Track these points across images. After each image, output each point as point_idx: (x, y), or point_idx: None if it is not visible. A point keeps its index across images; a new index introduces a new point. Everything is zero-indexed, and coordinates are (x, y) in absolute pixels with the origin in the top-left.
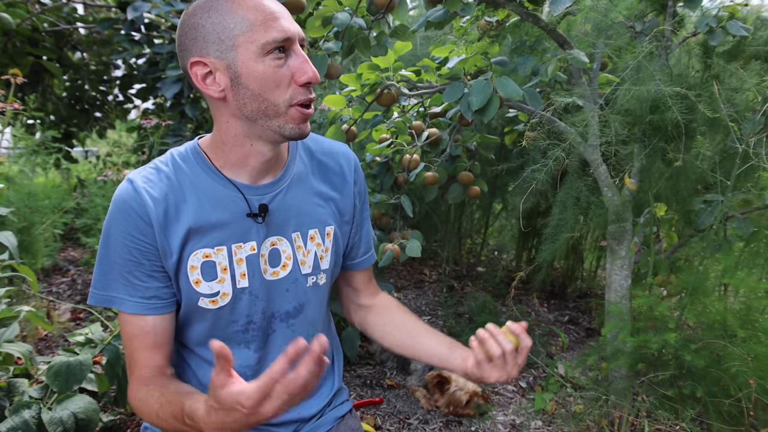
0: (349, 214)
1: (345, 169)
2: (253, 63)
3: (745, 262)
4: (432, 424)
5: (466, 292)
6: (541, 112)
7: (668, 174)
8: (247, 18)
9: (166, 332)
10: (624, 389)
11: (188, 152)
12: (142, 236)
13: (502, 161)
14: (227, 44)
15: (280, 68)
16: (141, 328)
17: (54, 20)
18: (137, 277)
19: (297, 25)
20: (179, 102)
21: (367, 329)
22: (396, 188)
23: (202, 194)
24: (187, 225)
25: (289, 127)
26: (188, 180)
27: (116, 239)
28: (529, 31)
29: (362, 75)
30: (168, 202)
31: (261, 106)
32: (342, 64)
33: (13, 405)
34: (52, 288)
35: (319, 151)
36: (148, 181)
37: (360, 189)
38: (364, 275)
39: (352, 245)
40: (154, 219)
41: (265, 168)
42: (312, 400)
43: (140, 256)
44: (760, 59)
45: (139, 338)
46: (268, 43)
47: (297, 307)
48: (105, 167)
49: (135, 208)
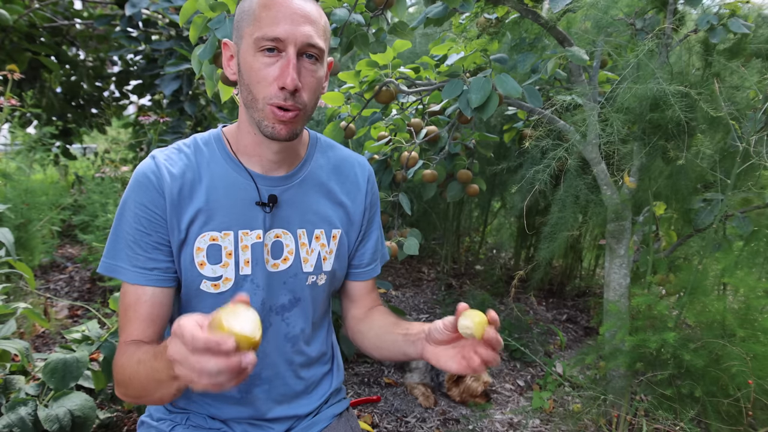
0: (358, 223)
1: (359, 177)
2: (248, 55)
3: (745, 261)
4: (429, 422)
5: (465, 290)
6: (540, 110)
7: (668, 172)
8: (255, 13)
9: (162, 306)
10: (622, 388)
11: (211, 137)
12: (154, 207)
13: (501, 159)
14: (239, 33)
15: (267, 66)
16: (138, 298)
17: (51, 15)
18: (142, 247)
19: (306, 31)
20: (178, 99)
21: (356, 340)
22: (394, 186)
23: (216, 176)
24: (198, 205)
25: (264, 123)
26: (205, 161)
27: (129, 209)
28: (529, 28)
29: (361, 72)
30: (184, 179)
31: (249, 96)
32: (340, 60)
33: (10, 402)
34: (50, 285)
35: (336, 157)
36: (169, 158)
37: (372, 201)
38: (363, 286)
39: (355, 254)
40: (168, 194)
41: (277, 160)
42: (308, 397)
43: (149, 226)
44: (761, 57)
45: (134, 308)
46: (258, 39)
47: (292, 300)
48: (103, 164)
49: (152, 180)
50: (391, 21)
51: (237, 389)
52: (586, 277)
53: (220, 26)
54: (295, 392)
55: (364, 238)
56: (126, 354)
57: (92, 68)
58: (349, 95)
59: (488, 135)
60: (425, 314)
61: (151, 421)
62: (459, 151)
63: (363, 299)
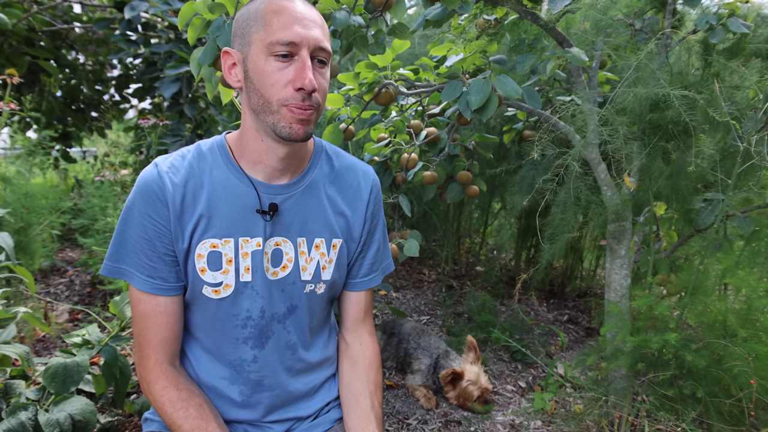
0: (358, 233)
1: (362, 187)
2: (259, 60)
3: (746, 261)
4: (431, 424)
5: (465, 291)
6: (540, 111)
7: (668, 172)
8: (265, 19)
9: (176, 314)
10: (623, 389)
11: (214, 144)
12: (159, 218)
13: (501, 160)
14: (246, 40)
15: (281, 70)
16: (154, 308)
17: (50, 19)
18: (147, 257)
19: (317, 35)
20: (177, 102)
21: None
22: (394, 188)
23: (218, 183)
24: (199, 212)
25: (280, 125)
26: (208, 168)
27: (135, 217)
28: (528, 29)
29: (360, 74)
30: (187, 188)
31: (260, 101)
32: (340, 62)
33: (10, 407)
34: (50, 289)
35: (341, 166)
36: (171, 166)
37: (374, 211)
38: (355, 298)
39: (353, 265)
40: (171, 203)
41: (281, 168)
42: (309, 401)
43: (154, 236)
44: (761, 57)
45: (153, 318)
46: (272, 43)
47: (289, 308)
48: (102, 167)
49: (156, 190)
50: (390, 22)
51: (239, 395)
52: (586, 277)
53: (221, 33)
54: (296, 396)
55: (363, 249)
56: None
57: (92, 72)
58: (349, 97)
59: (488, 136)
60: (426, 315)
61: (154, 417)
62: (459, 152)
63: (350, 309)
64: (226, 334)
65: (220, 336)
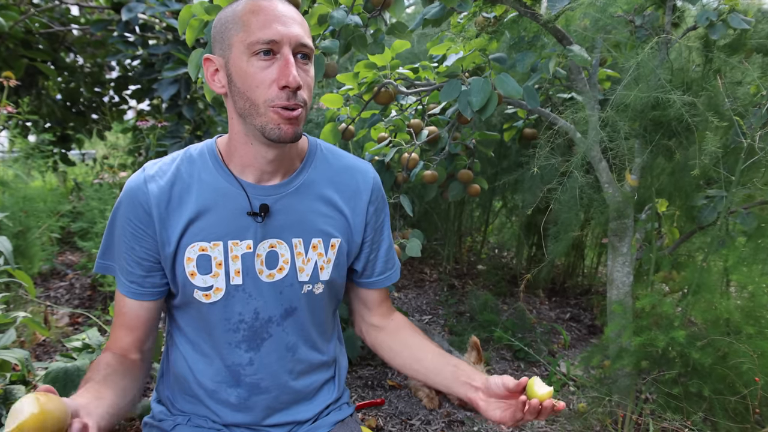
0: (360, 232)
1: (361, 186)
2: (240, 62)
3: (750, 257)
4: (434, 425)
5: (467, 290)
6: (541, 110)
7: (670, 169)
8: (243, 20)
9: (140, 319)
10: (627, 387)
11: (204, 148)
12: (140, 223)
13: (502, 158)
14: (226, 43)
15: (264, 69)
16: (121, 307)
17: (47, 21)
18: (125, 260)
19: (297, 31)
20: (176, 103)
21: (378, 350)
22: (395, 187)
23: (206, 186)
24: (187, 216)
25: (269, 127)
26: (197, 172)
27: (119, 219)
28: (528, 26)
29: (359, 73)
30: (173, 192)
31: (246, 104)
32: (339, 62)
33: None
34: (50, 292)
35: (338, 164)
36: (159, 171)
37: (377, 209)
38: (378, 295)
39: (366, 264)
40: (155, 210)
41: (271, 170)
42: (308, 404)
43: (134, 241)
44: (762, 52)
45: (119, 316)
46: (252, 43)
47: (288, 309)
48: (101, 170)
49: (139, 197)
50: (389, 21)
51: (236, 397)
52: (588, 275)
53: None
54: (295, 399)
55: (375, 247)
56: (93, 363)
57: (90, 74)
58: (348, 97)
59: (488, 134)
60: (428, 315)
61: (153, 421)
62: (459, 151)
63: (379, 307)
64: (221, 339)
65: (215, 340)
